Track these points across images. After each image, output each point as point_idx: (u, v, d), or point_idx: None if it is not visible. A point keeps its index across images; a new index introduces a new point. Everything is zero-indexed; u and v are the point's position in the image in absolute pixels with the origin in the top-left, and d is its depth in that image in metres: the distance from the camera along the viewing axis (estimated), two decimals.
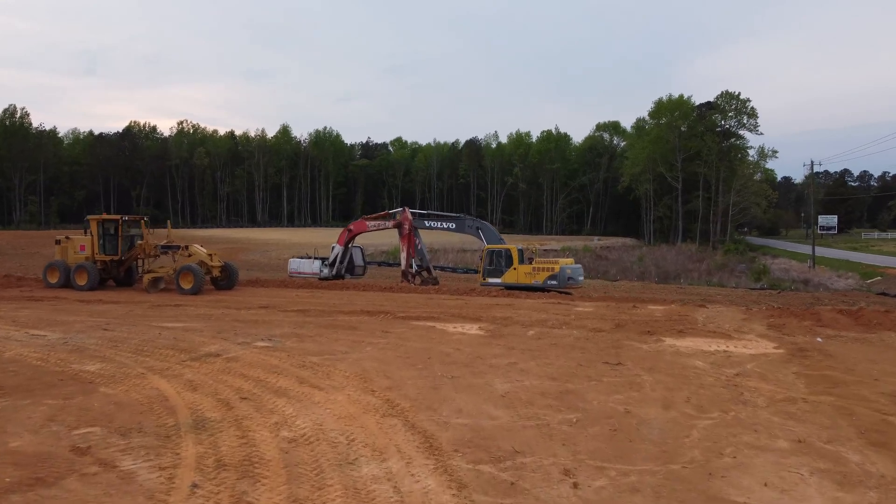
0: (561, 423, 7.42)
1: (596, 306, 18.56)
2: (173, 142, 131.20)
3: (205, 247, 23.55)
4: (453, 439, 6.72)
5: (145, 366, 10.01)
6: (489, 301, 19.92)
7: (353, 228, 26.46)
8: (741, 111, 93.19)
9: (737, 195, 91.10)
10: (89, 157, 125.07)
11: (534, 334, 13.49)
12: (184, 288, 20.70)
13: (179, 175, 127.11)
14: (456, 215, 25.79)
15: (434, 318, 15.52)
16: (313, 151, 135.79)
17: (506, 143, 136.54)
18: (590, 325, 14.60)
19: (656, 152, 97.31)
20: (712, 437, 7.05)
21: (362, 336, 12.95)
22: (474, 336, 13.22)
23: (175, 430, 6.86)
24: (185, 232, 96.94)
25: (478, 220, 25.95)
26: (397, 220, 25.48)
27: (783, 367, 10.74)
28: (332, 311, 16.59)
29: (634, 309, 17.91)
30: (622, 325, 14.78)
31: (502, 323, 14.89)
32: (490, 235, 24.48)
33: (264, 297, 20.46)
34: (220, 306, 17.71)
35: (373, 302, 19.00)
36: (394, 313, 16.25)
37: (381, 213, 27.26)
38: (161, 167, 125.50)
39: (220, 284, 22.51)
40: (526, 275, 22.69)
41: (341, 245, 26.32)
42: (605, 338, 13.16)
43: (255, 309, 17.14)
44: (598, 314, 16.65)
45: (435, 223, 25.51)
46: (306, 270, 26.34)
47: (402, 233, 25.23)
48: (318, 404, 7.91)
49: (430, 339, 12.81)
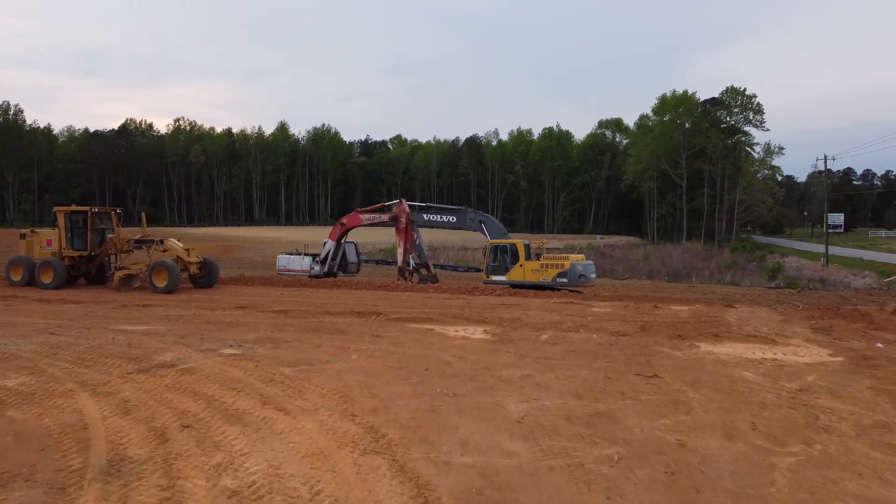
0: (599, 461, 5.61)
1: (613, 306, 16.74)
2: (169, 139, 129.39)
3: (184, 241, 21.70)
4: (457, 489, 4.92)
5: (79, 379, 8.19)
6: (494, 300, 18.11)
7: (346, 222, 24.60)
8: (747, 107, 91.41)
9: (742, 193, 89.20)
10: (84, 154, 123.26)
11: (548, 339, 11.67)
12: (157, 286, 18.87)
13: (176, 173, 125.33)
14: (457, 208, 24.03)
15: (432, 320, 13.71)
16: (311, 149, 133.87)
17: (507, 141, 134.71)
18: (610, 328, 12.78)
19: (660, 149, 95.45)
20: (805, 483, 5.24)
21: (348, 341, 11.12)
22: (479, 341, 11.40)
23: (78, 475, 5.05)
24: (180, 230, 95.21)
25: (481, 212, 24.08)
26: (393, 213, 23.65)
27: (852, 380, 8.92)
28: (318, 312, 14.76)
29: (656, 310, 16.09)
30: (647, 327, 12.97)
31: (510, 325, 13.08)
32: (494, 230, 22.65)
33: (246, 296, 18.64)
34: (193, 306, 15.89)
35: (365, 301, 17.17)
36: (387, 314, 14.44)
37: (376, 206, 25.38)
38: (157, 165, 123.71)
39: (199, 282, 20.68)
40: (533, 272, 20.85)
41: (333, 240, 24.48)
42: (631, 343, 11.34)
43: (232, 310, 15.31)
44: (617, 315, 14.83)
45: (434, 216, 23.67)
46: (295, 268, 24.50)
47: (399, 226, 23.39)
48: (280, 435, 6.09)
49: (427, 344, 11.00)
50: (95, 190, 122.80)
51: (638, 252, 67.13)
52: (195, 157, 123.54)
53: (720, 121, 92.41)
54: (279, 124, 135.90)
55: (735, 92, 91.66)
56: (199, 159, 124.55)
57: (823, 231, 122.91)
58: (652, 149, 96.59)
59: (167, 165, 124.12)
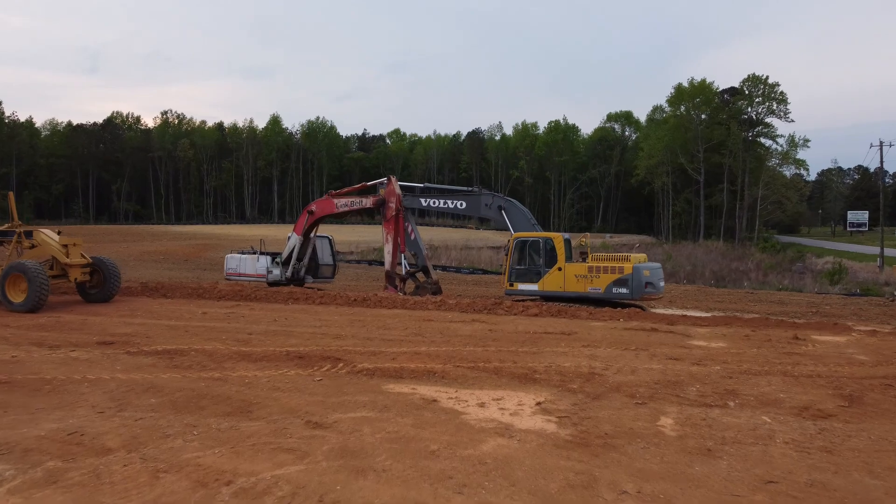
0: None
1: (723, 337, 10.48)
2: (157, 133, 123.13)
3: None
4: None
5: None
6: (530, 325, 11.87)
7: (316, 209, 18.28)
8: (769, 96, 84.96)
9: (765, 188, 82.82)
10: (67, 148, 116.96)
11: (681, 434, 5.48)
12: (12, 301, 12.65)
13: (163, 168, 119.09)
14: (467, 189, 17.76)
15: (434, 375, 7.54)
16: (305, 143, 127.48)
17: (511, 136, 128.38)
18: (784, 398, 6.54)
19: (676, 142, 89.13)
20: None
21: (243, 447, 4.92)
22: (538, 448, 5.19)
23: None
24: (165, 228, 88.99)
25: (501, 195, 17.65)
26: (379, 196, 17.32)
27: None
28: (229, 356, 8.52)
29: (803, 344, 9.82)
30: (858, 397, 6.69)
31: (584, 391, 6.88)
32: (519, 219, 16.33)
33: (141, 318, 12.37)
34: (25, 340, 9.57)
35: (324, 329, 10.96)
36: (353, 360, 8.21)
37: (356, 186, 18.98)
38: (143, 160, 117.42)
39: (90, 294, 14.45)
40: (578, 279, 14.57)
41: (299, 235, 18.17)
42: (866, 445, 5.10)
43: (85, 349, 9.05)
44: (751, 358, 8.59)
45: (437, 201, 17.34)
46: (248, 272, 18.20)
47: (387, 214, 17.09)
48: None
49: (425, 455, 4.80)
50: (79, 185, 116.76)
51: (655, 252, 61.07)
52: (182, 152, 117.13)
53: (741, 111, 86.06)
54: (272, 117, 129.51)
55: (757, 80, 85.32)
56: (188, 154, 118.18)
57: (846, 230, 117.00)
58: (667, 142, 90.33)
59: (154, 160, 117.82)
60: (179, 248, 53.52)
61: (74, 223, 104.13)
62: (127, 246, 49.99)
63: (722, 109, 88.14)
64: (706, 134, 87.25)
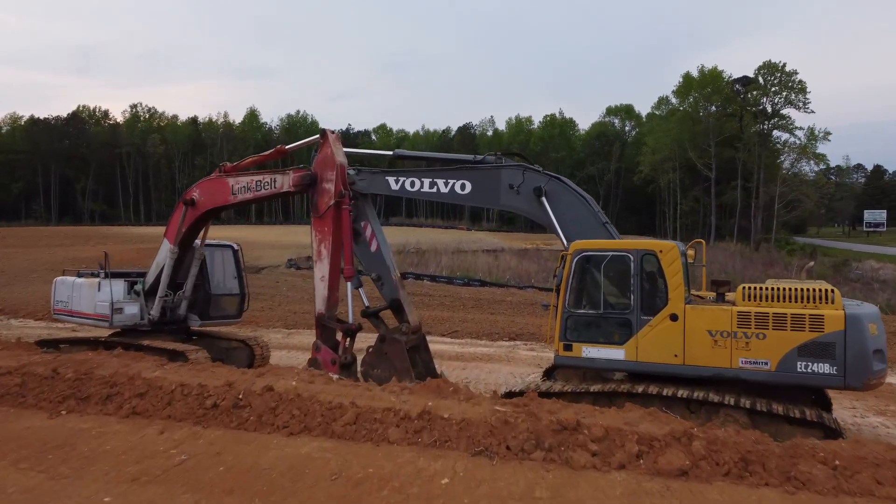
0: None
1: None
2: (126, 128, 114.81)
3: None
4: None
5: None
6: None
7: (200, 198, 10.44)
8: (786, 85, 77.97)
9: (783, 185, 75.72)
10: (27, 144, 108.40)
11: None
12: None
13: (132, 165, 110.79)
14: (476, 159, 9.61)
15: None
16: (285, 138, 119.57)
17: (504, 131, 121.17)
18: None
19: (684, 136, 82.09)
20: None
21: None
22: None
23: None
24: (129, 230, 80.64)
25: (538, 168, 9.13)
26: (306, 171, 9.62)
27: None
28: None
29: None
30: None
31: None
32: (575, 212, 8.56)
33: None
34: None
35: None
36: None
37: (267, 154, 11.08)
38: (110, 156, 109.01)
39: None
40: (715, 339, 6.77)
41: (173, 244, 10.40)
42: None
43: None
44: None
45: (420, 182, 9.57)
46: (83, 309, 10.43)
47: (319, 206, 9.22)
48: None
49: None
50: (40, 183, 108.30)
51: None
52: (152, 147, 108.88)
53: (756, 102, 79.09)
54: (248, 111, 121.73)
55: (772, 68, 78.29)
56: (158, 150, 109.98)
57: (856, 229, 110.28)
58: (674, 135, 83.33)
59: (121, 157, 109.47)
60: (120, 252, 45.61)
61: (35, 224, 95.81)
62: (51, 252, 42.00)
63: (734, 100, 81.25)
64: (717, 127, 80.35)
